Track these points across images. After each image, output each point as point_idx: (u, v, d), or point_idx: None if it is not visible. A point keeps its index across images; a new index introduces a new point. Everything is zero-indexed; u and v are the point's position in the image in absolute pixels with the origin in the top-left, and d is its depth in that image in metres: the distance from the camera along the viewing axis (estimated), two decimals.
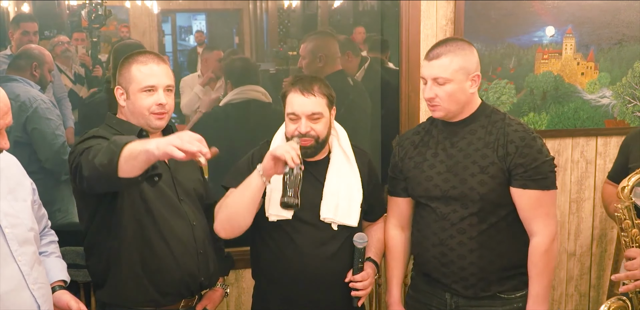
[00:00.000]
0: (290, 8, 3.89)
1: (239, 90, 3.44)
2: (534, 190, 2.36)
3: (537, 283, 2.40)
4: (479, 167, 2.38)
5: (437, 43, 2.43)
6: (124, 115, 2.44)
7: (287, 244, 2.53)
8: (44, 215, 2.36)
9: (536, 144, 2.37)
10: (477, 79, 2.41)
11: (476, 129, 2.43)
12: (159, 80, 2.39)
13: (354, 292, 2.55)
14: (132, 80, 2.38)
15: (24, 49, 3.20)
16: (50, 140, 3.13)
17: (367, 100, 3.57)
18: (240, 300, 3.28)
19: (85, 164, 2.06)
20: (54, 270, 2.28)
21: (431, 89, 2.38)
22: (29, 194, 2.19)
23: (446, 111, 2.41)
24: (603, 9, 3.46)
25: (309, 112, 2.44)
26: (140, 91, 2.37)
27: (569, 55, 3.47)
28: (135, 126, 2.40)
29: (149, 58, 2.41)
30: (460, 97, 2.39)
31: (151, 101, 2.37)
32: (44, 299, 2.08)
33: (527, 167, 2.34)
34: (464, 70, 2.37)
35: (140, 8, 3.60)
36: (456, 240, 2.41)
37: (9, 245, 2.01)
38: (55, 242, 2.40)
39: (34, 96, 3.11)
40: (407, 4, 3.27)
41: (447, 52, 2.35)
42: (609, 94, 3.54)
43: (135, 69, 2.38)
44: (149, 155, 1.90)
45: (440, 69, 2.35)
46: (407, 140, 2.61)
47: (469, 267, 2.42)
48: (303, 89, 2.45)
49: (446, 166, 2.44)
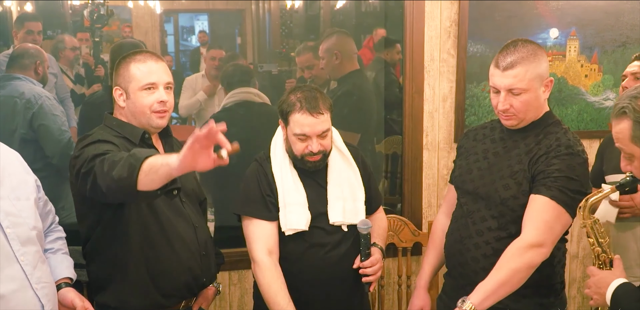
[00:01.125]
0: (293, 8, 3.90)
1: (232, 93, 3.45)
2: (542, 196, 2.20)
3: (490, 276, 2.18)
4: (510, 171, 2.30)
5: (505, 48, 2.26)
6: (124, 116, 2.39)
7: (300, 251, 2.53)
8: (51, 211, 2.34)
9: (570, 160, 2.22)
10: (550, 84, 2.28)
11: (529, 136, 2.33)
12: (159, 78, 2.34)
13: (364, 278, 2.53)
14: (131, 79, 2.33)
15: (21, 48, 3.20)
16: (57, 136, 3.15)
17: (381, 101, 3.59)
18: (243, 301, 3.27)
19: (101, 175, 2.02)
20: (60, 268, 2.26)
21: (506, 100, 2.24)
22: (33, 192, 2.17)
23: (520, 120, 2.30)
24: (607, 11, 3.45)
25: (319, 131, 2.42)
26: (141, 89, 2.33)
27: (572, 57, 3.47)
28: (138, 128, 2.36)
29: (147, 56, 2.37)
30: (535, 105, 2.27)
31: (152, 99, 2.33)
32: (48, 299, 2.07)
33: (546, 175, 2.21)
34: (539, 78, 2.23)
35: (143, 8, 3.61)
36: (473, 241, 2.35)
37: (11, 245, 1.99)
38: (63, 238, 2.37)
39: (38, 93, 3.12)
40: (412, 5, 3.26)
41: (521, 60, 2.20)
42: (613, 96, 3.53)
43: (134, 67, 2.33)
44: (170, 169, 1.86)
45: (516, 80, 2.20)
46: (473, 131, 2.56)
47: (481, 273, 2.27)
48: (311, 109, 2.39)
49: (488, 163, 2.38)
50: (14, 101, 3.05)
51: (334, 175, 2.57)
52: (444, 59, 3.33)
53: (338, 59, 3.50)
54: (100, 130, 2.36)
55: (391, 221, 3.25)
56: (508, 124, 2.33)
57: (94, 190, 2.08)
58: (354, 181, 2.59)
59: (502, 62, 2.23)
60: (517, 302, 2.30)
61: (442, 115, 3.36)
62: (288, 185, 2.51)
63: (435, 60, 3.32)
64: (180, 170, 1.83)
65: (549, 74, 2.30)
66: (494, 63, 2.26)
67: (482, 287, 2.16)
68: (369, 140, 3.61)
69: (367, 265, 2.52)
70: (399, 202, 3.48)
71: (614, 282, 2.03)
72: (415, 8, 3.27)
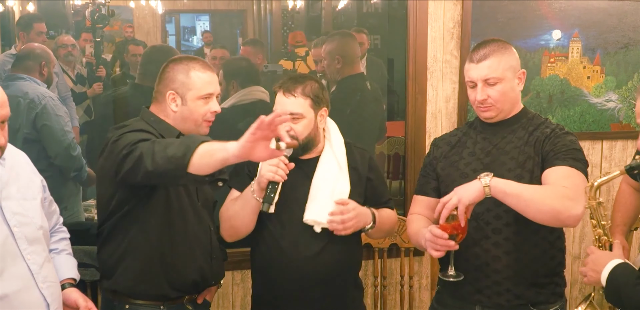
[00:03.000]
0: (295, 9, 3.89)
1: (246, 91, 3.44)
2: (562, 166, 2.27)
3: (528, 186, 2.22)
4: (516, 162, 2.35)
5: (477, 46, 2.41)
6: (170, 118, 2.42)
7: (272, 243, 2.55)
8: (55, 211, 2.35)
9: (569, 136, 2.36)
10: (523, 76, 2.42)
11: (517, 129, 2.42)
12: (216, 88, 2.44)
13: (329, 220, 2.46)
14: (192, 87, 2.38)
15: (27, 48, 3.21)
16: (60, 137, 3.15)
17: (381, 106, 3.57)
18: (246, 301, 3.27)
19: (151, 154, 2.04)
20: (64, 268, 2.26)
21: (483, 91, 2.36)
22: (39, 192, 2.18)
23: (499, 111, 2.39)
24: (609, 13, 3.46)
25: (286, 112, 2.44)
26: (200, 98, 2.39)
27: (575, 58, 3.47)
28: (174, 129, 2.41)
29: (205, 66, 2.43)
30: (512, 96, 2.39)
31: (207, 109, 2.40)
32: (53, 298, 2.07)
33: (557, 151, 2.30)
34: (512, 69, 2.37)
35: (145, 8, 3.61)
36: (491, 241, 2.36)
37: (18, 244, 2.00)
38: (67, 239, 2.38)
39: (42, 93, 3.13)
40: (415, 5, 3.27)
41: (493, 52, 2.34)
42: (615, 97, 3.54)
43: (195, 75, 2.39)
44: (227, 155, 1.88)
45: (491, 69, 2.33)
46: (443, 140, 2.58)
47: (504, 270, 2.35)
48: (285, 90, 2.48)
49: (482, 163, 2.40)
50: (18, 101, 3.05)
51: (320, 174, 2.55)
52: (446, 60, 3.34)
53: (340, 63, 3.49)
54: (136, 122, 2.41)
55: None
56: (487, 115, 2.41)
57: (134, 171, 2.11)
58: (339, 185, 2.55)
59: (475, 55, 2.37)
60: (536, 294, 2.38)
61: (445, 116, 3.37)
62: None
63: (438, 61, 3.33)
64: (238, 157, 1.87)
65: (520, 67, 2.42)
66: (468, 59, 2.41)
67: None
68: (369, 143, 3.59)
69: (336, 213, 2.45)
70: (401, 203, 3.47)
71: (612, 261, 2.04)
72: (418, 9, 3.28)
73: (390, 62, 3.66)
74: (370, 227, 2.55)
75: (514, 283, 2.36)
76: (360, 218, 2.49)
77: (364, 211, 2.51)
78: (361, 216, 2.49)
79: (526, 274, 2.36)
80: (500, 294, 2.37)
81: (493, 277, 2.37)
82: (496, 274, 2.36)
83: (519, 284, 2.36)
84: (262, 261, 2.60)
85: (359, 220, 2.48)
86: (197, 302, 2.56)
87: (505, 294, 2.37)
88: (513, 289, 2.36)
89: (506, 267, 2.35)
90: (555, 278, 2.43)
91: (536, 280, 2.38)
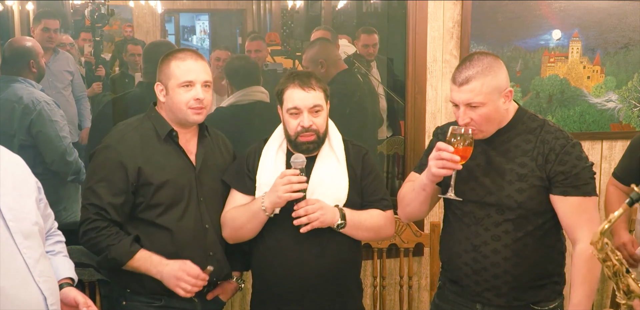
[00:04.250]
0: (294, 9, 3.88)
1: (245, 91, 3.43)
2: (576, 197, 2.26)
3: (581, 290, 2.27)
4: (517, 175, 2.30)
5: (461, 63, 2.29)
6: (163, 110, 2.54)
7: (272, 243, 2.55)
8: (50, 215, 2.34)
9: (575, 151, 2.29)
10: (510, 94, 2.30)
11: (512, 137, 2.35)
12: (197, 76, 2.46)
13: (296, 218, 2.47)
14: (170, 76, 2.47)
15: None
16: (55, 143, 3.12)
17: (376, 96, 3.57)
18: (245, 301, 3.26)
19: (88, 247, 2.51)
20: (62, 269, 2.26)
21: (465, 114, 2.26)
22: (34, 191, 2.19)
23: (484, 133, 2.31)
24: (610, 13, 3.46)
25: (310, 105, 2.47)
26: (179, 86, 2.46)
27: (575, 58, 3.47)
28: (167, 124, 2.51)
29: (187, 55, 2.49)
30: (496, 117, 2.29)
31: (189, 96, 2.45)
32: (50, 292, 2.07)
33: (567, 175, 2.25)
34: (497, 90, 2.25)
35: (144, 8, 3.60)
36: (490, 247, 2.34)
37: (14, 238, 2.00)
38: (63, 243, 2.38)
39: (37, 98, 3.08)
40: (414, 5, 3.27)
41: (476, 75, 2.21)
42: (615, 97, 3.54)
43: (174, 65, 2.47)
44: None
45: (472, 94, 2.22)
46: (444, 132, 2.49)
47: (503, 276, 2.34)
48: (302, 84, 2.48)
49: (483, 170, 2.36)
50: (12, 106, 3.02)
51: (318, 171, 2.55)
52: (446, 59, 3.34)
53: (323, 67, 3.50)
54: (137, 121, 2.56)
55: None
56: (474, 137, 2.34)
57: None
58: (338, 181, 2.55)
59: (458, 77, 2.25)
60: (535, 295, 2.38)
61: (445, 116, 3.36)
62: (268, 166, 2.56)
63: (438, 61, 3.32)
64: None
65: (508, 85, 2.30)
66: (452, 79, 2.29)
67: (577, 305, 2.26)
68: (371, 139, 3.59)
69: (301, 206, 2.46)
70: None
71: None
72: (418, 8, 3.28)
73: (390, 62, 3.65)
74: (341, 225, 2.49)
75: (513, 287, 2.36)
76: (325, 211, 2.46)
77: (329, 207, 2.49)
78: (327, 210, 2.47)
79: (525, 278, 2.35)
80: (499, 296, 2.38)
81: (492, 281, 2.36)
82: (495, 279, 2.36)
83: (517, 288, 2.36)
84: (262, 261, 2.59)
85: (324, 213, 2.45)
86: (206, 298, 2.60)
87: (505, 296, 2.37)
88: (511, 292, 2.36)
89: (505, 273, 2.34)
90: (555, 277, 2.42)
91: (535, 283, 2.38)
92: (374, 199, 2.61)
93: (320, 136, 2.52)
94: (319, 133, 2.51)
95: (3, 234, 1.98)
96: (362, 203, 2.59)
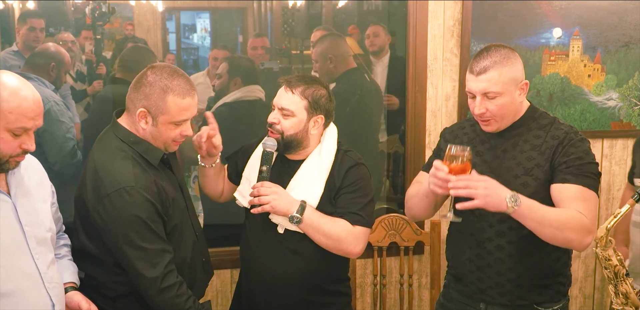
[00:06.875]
0: (295, 7, 3.88)
1: (246, 90, 3.44)
2: (575, 185, 2.23)
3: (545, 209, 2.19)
4: (523, 169, 2.31)
5: (479, 54, 2.30)
6: (139, 132, 2.32)
7: (245, 241, 2.61)
8: (60, 219, 2.36)
9: (583, 145, 2.30)
10: (526, 87, 2.33)
11: (523, 132, 2.36)
12: (191, 114, 2.33)
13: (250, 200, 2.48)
14: (165, 112, 2.26)
15: (43, 48, 3.18)
16: (60, 144, 3.11)
17: (380, 96, 3.58)
18: None
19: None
20: (67, 273, 2.28)
21: (482, 104, 2.28)
22: (49, 196, 2.21)
23: (499, 125, 2.33)
24: (610, 11, 3.45)
25: (280, 105, 2.48)
26: (172, 123, 2.29)
27: (575, 57, 3.47)
28: (157, 151, 2.34)
29: (186, 90, 2.27)
30: (511, 109, 2.31)
31: (178, 132, 2.32)
32: (58, 299, 2.10)
33: (570, 164, 2.25)
34: (514, 81, 2.27)
35: (145, 6, 3.60)
36: (494, 244, 2.34)
37: (28, 243, 2.02)
38: (68, 246, 2.40)
39: (47, 97, 3.05)
40: (415, 4, 3.27)
41: (494, 64, 2.24)
42: (616, 96, 3.54)
43: (172, 101, 2.25)
44: None
45: (490, 83, 2.24)
46: (452, 133, 2.55)
47: (507, 273, 2.34)
48: (288, 84, 2.50)
49: (489, 167, 2.36)
50: None
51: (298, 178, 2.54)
52: (447, 58, 3.34)
53: (332, 63, 3.50)
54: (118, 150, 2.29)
55: (393, 220, 3.26)
56: (488, 129, 2.37)
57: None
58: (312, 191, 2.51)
59: (475, 67, 2.27)
60: (539, 295, 2.38)
61: (445, 114, 3.36)
62: (253, 161, 2.59)
63: (439, 59, 3.32)
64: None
65: (524, 77, 2.32)
66: (469, 69, 2.31)
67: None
68: (372, 138, 3.59)
69: (257, 185, 2.46)
70: (401, 201, 3.47)
71: None
72: (419, 7, 3.28)
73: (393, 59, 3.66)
74: (295, 218, 2.42)
75: (517, 284, 2.36)
76: (280, 197, 2.43)
77: (288, 196, 2.45)
78: (282, 196, 2.43)
79: (529, 276, 2.35)
80: (503, 295, 2.38)
81: (495, 278, 2.37)
82: (499, 276, 2.36)
83: (521, 286, 2.36)
84: (240, 258, 2.67)
85: (277, 199, 2.42)
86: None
87: (508, 294, 2.37)
88: (515, 291, 2.36)
89: (509, 270, 2.34)
90: (560, 278, 2.42)
91: (539, 281, 2.37)
92: (346, 211, 2.50)
93: (284, 139, 2.47)
94: (283, 135, 2.47)
95: (18, 238, 2.00)
96: (334, 214, 2.52)
